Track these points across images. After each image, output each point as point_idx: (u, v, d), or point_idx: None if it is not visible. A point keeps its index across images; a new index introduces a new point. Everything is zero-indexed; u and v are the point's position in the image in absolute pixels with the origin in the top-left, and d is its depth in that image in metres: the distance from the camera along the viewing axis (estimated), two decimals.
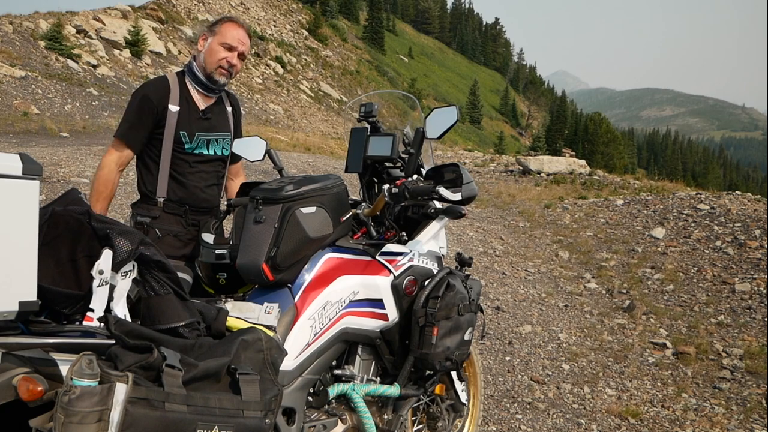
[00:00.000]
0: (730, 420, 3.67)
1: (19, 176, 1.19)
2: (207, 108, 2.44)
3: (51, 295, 1.32)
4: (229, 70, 2.40)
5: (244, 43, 2.42)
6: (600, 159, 45.74)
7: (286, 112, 31.89)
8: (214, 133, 2.45)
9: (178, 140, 2.36)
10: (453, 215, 2.10)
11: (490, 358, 4.36)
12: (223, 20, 2.45)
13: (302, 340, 1.84)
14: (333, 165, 13.31)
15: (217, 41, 2.38)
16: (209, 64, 2.38)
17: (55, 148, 10.21)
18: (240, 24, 2.45)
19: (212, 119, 2.45)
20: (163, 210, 2.38)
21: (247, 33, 2.46)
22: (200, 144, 2.41)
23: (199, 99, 2.42)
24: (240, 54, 2.42)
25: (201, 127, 2.41)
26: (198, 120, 2.40)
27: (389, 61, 65.65)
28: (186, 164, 2.40)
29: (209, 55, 2.38)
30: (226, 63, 2.38)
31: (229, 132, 2.52)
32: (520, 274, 6.62)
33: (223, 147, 2.50)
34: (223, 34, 2.39)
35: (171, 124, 2.34)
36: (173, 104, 2.35)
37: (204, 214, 2.47)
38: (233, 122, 2.57)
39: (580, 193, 11.73)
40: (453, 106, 2.14)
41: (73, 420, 1.13)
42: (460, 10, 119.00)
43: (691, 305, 5.67)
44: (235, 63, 2.40)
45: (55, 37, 20.37)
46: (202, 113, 2.41)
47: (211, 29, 2.43)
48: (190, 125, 2.37)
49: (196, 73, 2.40)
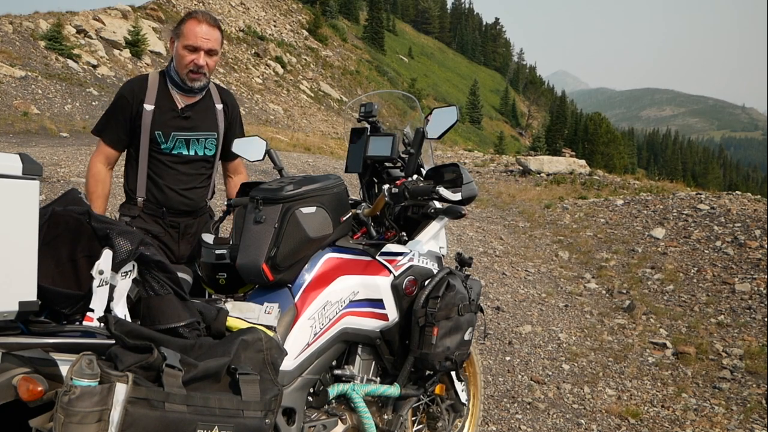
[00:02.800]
0: (730, 420, 3.67)
1: (19, 176, 1.19)
2: (186, 107, 2.35)
3: (51, 295, 1.32)
4: (201, 72, 2.28)
5: (208, 38, 2.25)
6: (600, 159, 45.72)
7: (286, 112, 31.88)
8: (195, 133, 2.37)
9: (153, 140, 2.30)
10: (453, 215, 2.10)
11: (490, 358, 4.36)
12: (185, 20, 2.29)
13: (302, 340, 1.84)
14: (333, 165, 13.31)
15: (182, 44, 2.26)
16: (179, 69, 2.29)
17: (55, 148, 10.21)
18: (202, 18, 2.27)
19: (193, 118, 2.36)
20: (143, 210, 2.35)
21: (213, 25, 2.28)
22: (178, 144, 2.34)
23: (179, 98, 2.34)
24: (208, 51, 2.27)
25: (178, 126, 2.33)
26: (175, 119, 2.32)
27: (389, 61, 65.65)
28: (163, 165, 2.34)
29: (178, 61, 2.28)
30: (193, 66, 2.26)
31: (214, 132, 2.42)
32: (520, 274, 6.62)
33: (206, 147, 2.42)
34: (185, 35, 2.25)
35: (146, 123, 2.28)
36: (149, 103, 2.28)
37: (185, 216, 2.41)
38: (224, 121, 2.47)
39: (580, 193, 11.73)
40: (453, 106, 2.14)
41: (73, 420, 1.13)
42: (460, 10, 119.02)
43: (691, 305, 5.67)
44: (203, 63, 2.27)
45: (55, 37, 20.37)
46: (180, 112, 2.33)
47: (176, 31, 2.30)
48: (165, 125, 2.30)
49: (172, 75, 2.33)
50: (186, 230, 2.43)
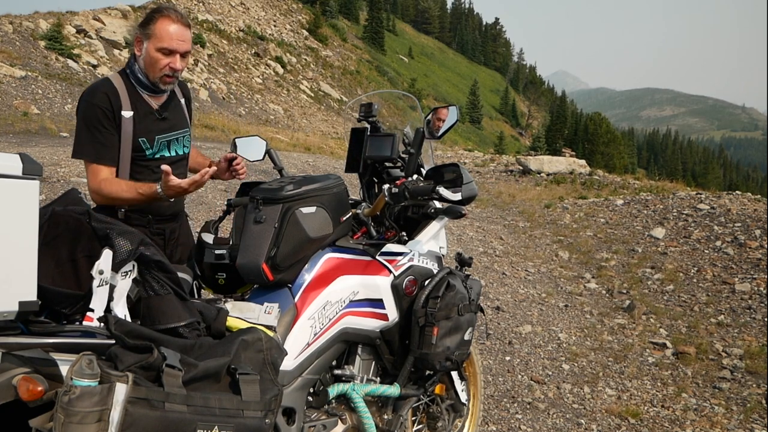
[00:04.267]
0: (730, 420, 3.67)
1: (19, 176, 1.19)
2: (161, 107, 2.21)
3: (51, 295, 1.32)
4: (174, 75, 2.14)
5: (183, 40, 2.11)
6: (600, 159, 45.72)
7: (286, 112, 31.88)
8: (174, 133, 2.24)
9: (137, 148, 2.13)
10: (453, 215, 2.10)
11: (490, 358, 4.36)
12: (155, 17, 2.11)
13: (302, 340, 1.84)
14: (333, 165, 13.30)
15: (154, 46, 2.08)
16: (151, 72, 2.12)
17: (55, 148, 10.20)
18: (174, 17, 2.11)
19: (169, 118, 2.23)
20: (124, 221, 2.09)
21: (185, 24, 2.13)
22: (161, 147, 2.21)
23: (150, 99, 2.18)
24: (182, 53, 2.12)
25: (159, 129, 2.19)
26: (156, 122, 2.18)
27: (389, 61, 65.65)
28: (149, 171, 2.18)
29: (149, 64, 2.11)
30: (169, 70, 2.11)
31: (187, 127, 2.32)
32: (520, 274, 6.62)
33: (184, 145, 2.30)
34: (158, 36, 2.08)
35: (127, 131, 2.10)
36: (126, 110, 2.10)
37: (170, 221, 2.30)
38: (188, 113, 2.36)
39: (580, 193, 11.74)
40: (453, 106, 2.14)
41: (73, 420, 1.13)
42: (460, 10, 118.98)
43: (691, 305, 5.67)
44: (180, 67, 2.13)
45: (55, 37, 20.36)
46: (158, 114, 2.19)
47: (144, 31, 2.11)
48: (148, 130, 2.16)
49: (139, 76, 2.14)
50: (171, 236, 2.32)
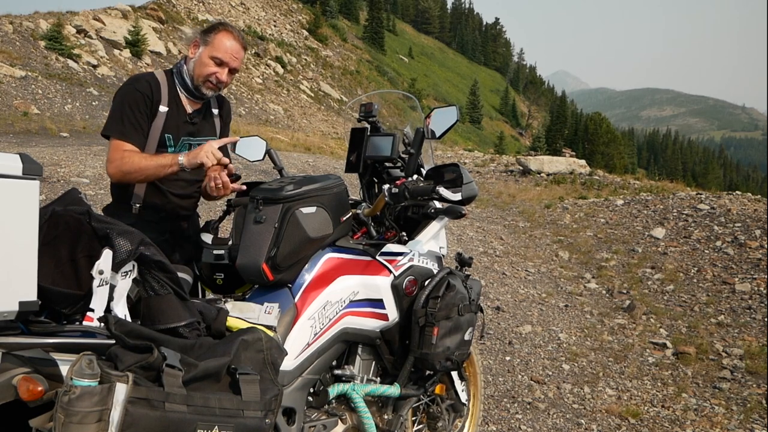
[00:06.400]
0: (730, 420, 3.67)
1: (19, 176, 1.18)
2: (194, 112, 2.29)
3: (51, 295, 1.32)
4: (218, 86, 2.24)
5: (236, 57, 2.23)
6: (600, 159, 45.72)
7: (286, 112, 31.87)
8: (198, 139, 2.29)
9: (162, 143, 2.20)
10: (453, 215, 2.10)
11: (490, 358, 4.36)
12: (218, 29, 2.24)
13: (302, 340, 1.84)
14: (333, 165, 13.30)
15: (208, 53, 2.20)
16: (197, 75, 2.22)
17: (55, 148, 10.20)
18: (236, 35, 2.24)
19: (197, 124, 2.31)
20: (138, 216, 2.21)
21: (243, 45, 2.27)
22: (183, 147, 2.26)
23: (186, 102, 2.28)
24: (231, 69, 2.24)
25: (186, 131, 2.27)
26: (185, 124, 2.26)
27: (389, 61, 65.64)
28: None
29: (198, 67, 2.21)
30: (214, 79, 2.21)
31: (213, 138, 2.35)
32: (520, 274, 6.62)
33: None
34: (215, 46, 2.20)
35: (158, 125, 2.19)
36: (163, 104, 2.20)
37: (182, 221, 2.35)
38: (220, 128, 2.42)
39: (580, 193, 11.74)
40: (453, 106, 2.14)
41: (73, 420, 1.13)
42: (460, 10, 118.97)
43: (691, 305, 5.67)
44: (225, 80, 2.23)
45: (55, 37, 20.34)
46: (189, 117, 2.27)
47: (204, 37, 2.24)
48: (177, 128, 2.23)
49: (184, 78, 2.25)
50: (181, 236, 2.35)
